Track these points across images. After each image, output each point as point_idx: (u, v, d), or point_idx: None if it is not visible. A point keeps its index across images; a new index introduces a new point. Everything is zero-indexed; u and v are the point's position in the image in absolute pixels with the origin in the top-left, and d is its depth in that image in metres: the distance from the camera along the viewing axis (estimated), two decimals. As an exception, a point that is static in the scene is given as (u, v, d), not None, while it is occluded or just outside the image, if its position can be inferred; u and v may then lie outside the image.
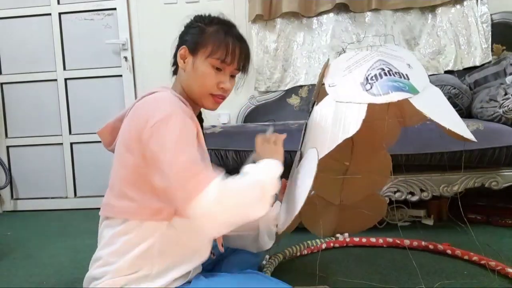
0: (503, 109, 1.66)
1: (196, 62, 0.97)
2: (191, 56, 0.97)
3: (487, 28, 2.32)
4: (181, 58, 0.99)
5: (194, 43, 0.97)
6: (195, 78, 0.97)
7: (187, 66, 0.98)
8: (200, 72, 0.96)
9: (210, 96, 0.98)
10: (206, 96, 0.98)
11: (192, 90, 0.98)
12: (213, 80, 0.96)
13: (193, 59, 0.97)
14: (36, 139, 2.79)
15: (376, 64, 1.02)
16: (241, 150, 1.74)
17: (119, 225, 0.88)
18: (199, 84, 0.97)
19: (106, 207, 0.93)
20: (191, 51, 0.97)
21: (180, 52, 0.98)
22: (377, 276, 1.33)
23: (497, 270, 1.27)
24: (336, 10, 2.46)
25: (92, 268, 0.92)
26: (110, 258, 0.88)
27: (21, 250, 1.87)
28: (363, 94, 0.98)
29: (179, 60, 0.99)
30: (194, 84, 0.97)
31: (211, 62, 0.96)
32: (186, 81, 0.99)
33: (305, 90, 2.48)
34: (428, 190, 1.71)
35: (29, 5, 2.72)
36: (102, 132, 1.01)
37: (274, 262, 1.38)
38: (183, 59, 0.99)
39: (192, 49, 0.97)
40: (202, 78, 0.96)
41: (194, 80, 0.97)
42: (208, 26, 0.99)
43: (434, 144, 1.62)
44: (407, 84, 0.99)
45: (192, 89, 0.98)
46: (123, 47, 2.66)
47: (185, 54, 0.98)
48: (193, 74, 0.97)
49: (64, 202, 2.79)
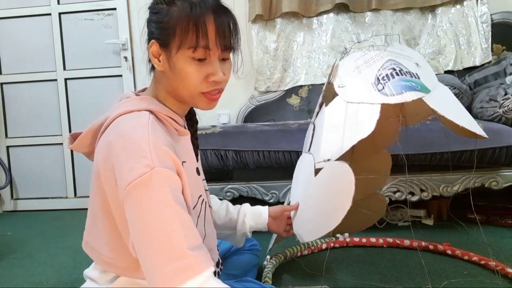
0: (503, 109, 1.66)
1: (171, 59, 0.77)
2: (163, 52, 0.78)
3: (487, 28, 2.32)
4: (154, 57, 0.79)
5: (161, 34, 0.77)
6: (176, 79, 0.78)
7: (164, 65, 0.79)
8: (179, 70, 0.77)
9: (202, 95, 0.80)
10: (197, 96, 0.80)
11: (178, 94, 0.81)
12: (198, 76, 0.77)
13: (166, 56, 0.78)
14: (36, 139, 2.79)
15: (386, 64, 1.02)
16: (241, 150, 1.74)
17: None
18: (183, 85, 0.78)
19: (86, 247, 0.85)
20: (162, 46, 0.78)
21: (152, 49, 0.79)
22: (377, 276, 1.33)
23: (497, 270, 1.27)
24: (336, 10, 2.46)
25: (86, 282, 0.90)
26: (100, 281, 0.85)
27: (21, 250, 1.87)
28: (375, 95, 0.97)
29: (153, 60, 0.80)
30: (178, 86, 0.79)
31: (186, 54, 0.76)
32: (168, 84, 0.81)
33: (305, 90, 2.48)
34: (428, 190, 1.71)
35: (29, 5, 2.72)
36: (76, 147, 0.86)
37: (275, 262, 1.38)
38: (157, 57, 0.79)
39: (162, 43, 0.78)
40: (184, 77, 0.77)
41: (176, 81, 0.78)
42: (170, 6, 0.77)
43: (434, 144, 1.62)
44: (419, 84, 0.99)
45: (179, 93, 0.80)
46: (123, 47, 2.66)
47: (158, 51, 0.79)
48: (173, 75, 0.78)
49: (64, 202, 2.79)
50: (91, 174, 0.80)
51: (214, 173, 1.80)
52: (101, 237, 0.79)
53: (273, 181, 1.79)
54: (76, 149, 0.86)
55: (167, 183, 0.69)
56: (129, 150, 0.70)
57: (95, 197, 0.79)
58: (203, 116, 1.08)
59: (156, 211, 0.67)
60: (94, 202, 0.80)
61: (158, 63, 0.79)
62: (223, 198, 1.79)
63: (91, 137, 0.84)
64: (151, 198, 0.68)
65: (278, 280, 1.32)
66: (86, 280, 0.90)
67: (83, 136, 0.85)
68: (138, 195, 0.68)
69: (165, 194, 0.68)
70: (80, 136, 0.85)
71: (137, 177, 0.67)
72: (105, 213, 0.77)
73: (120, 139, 0.72)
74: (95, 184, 0.78)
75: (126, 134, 0.72)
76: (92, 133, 0.84)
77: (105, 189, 0.75)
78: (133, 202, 0.68)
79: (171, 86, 0.81)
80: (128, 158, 0.69)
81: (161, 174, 0.69)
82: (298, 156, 1.32)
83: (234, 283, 1.00)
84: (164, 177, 0.69)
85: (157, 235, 0.67)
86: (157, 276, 0.66)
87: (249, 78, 2.49)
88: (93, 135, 0.83)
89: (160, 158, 0.70)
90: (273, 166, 1.76)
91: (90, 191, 0.82)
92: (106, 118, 0.81)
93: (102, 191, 0.76)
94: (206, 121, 2.30)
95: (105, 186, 0.75)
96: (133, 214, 0.69)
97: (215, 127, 1.93)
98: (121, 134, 0.73)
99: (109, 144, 0.74)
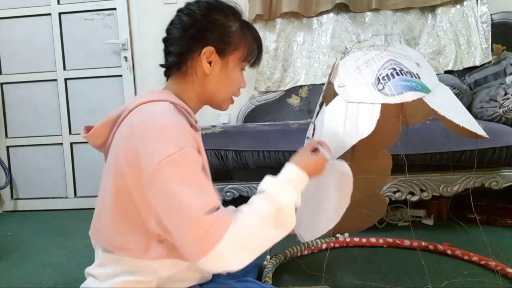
0: (503, 109, 1.66)
1: (227, 67, 0.88)
2: (219, 59, 0.87)
3: (487, 28, 2.32)
4: (207, 62, 0.86)
5: (223, 44, 0.86)
6: (223, 84, 0.89)
7: (213, 69, 0.87)
8: (231, 77, 0.89)
9: (231, 99, 0.93)
10: (228, 99, 0.93)
11: (215, 96, 0.90)
12: (239, 83, 0.92)
13: (222, 63, 0.87)
14: (36, 139, 2.79)
15: (387, 64, 1.02)
16: (241, 150, 1.74)
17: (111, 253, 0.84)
18: (226, 90, 0.90)
19: (94, 234, 0.87)
20: (219, 54, 0.87)
21: (206, 54, 0.85)
22: (377, 276, 1.33)
23: (497, 270, 1.27)
24: (336, 10, 2.46)
25: (87, 280, 0.90)
26: (103, 278, 0.85)
27: (21, 250, 1.87)
28: (376, 94, 0.97)
29: (205, 64, 0.85)
30: (221, 90, 0.90)
31: (241, 66, 0.91)
32: (208, 86, 0.88)
33: (305, 90, 2.48)
34: (428, 190, 1.71)
35: (29, 5, 2.72)
36: (90, 136, 0.88)
37: (275, 262, 1.38)
38: (209, 63, 0.86)
39: (220, 51, 0.86)
40: (232, 83, 0.90)
41: (222, 85, 0.89)
42: (234, 23, 0.88)
43: (434, 144, 1.62)
44: (419, 84, 0.99)
45: (217, 95, 0.90)
46: (123, 47, 2.65)
47: (212, 57, 0.86)
48: (221, 80, 0.88)
49: (64, 202, 2.78)
50: (107, 164, 0.84)
51: (214, 173, 1.78)
52: (113, 222, 0.81)
53: (273, 181, 1.79)
54: (90, 139, 0.89)
55: (195, 162, 0.75)
56: (156, 132, 0.74)
57: (110, 184, 0.81)
58: (203, 116, 1.08)
59: (186, 187, 0.71)
60: (108, 189, 0.81)
61: (208, 67, 0.86)
62: (223, 198, 1.79)
63: (108, 127, 0.86)
64: (182, 175, 0.72)
65: (278, 280, 1.32)
66: (87, 278, 0.90)
67: (99, 126, 0.87)
68: (168, 172, 0.71)
69: (195, 172, 0.74)
70: (96, 126, 0.88)
71: (167, 156, 0.71)
72: (121, 198, 0.79)
73: (144, 123, 0.77)
74: (112, 170, 0.80)
75: (150, 118, 0.77)
76: (108, 124, 0.86)
77: (125, 173, 0.77)
78: (163, 179, 0.71)
79: (211, 87, 0.89)
80: (155, 139, 0.73)
81: (190, 154, 0.74)
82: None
83: (234, 283, 1.00)
84: (192, 156, 0.74)
85: (187, 208, 0.70)
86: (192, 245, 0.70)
87: (249, 78, 2.47)
88: (110, 126, 0.86)
89: (186, 139, 0.75)
90: (273, 166, 1.75)
91: (103, 180, 0.84)
92: (124, 109, 0.84)
93: (121, 176, 0.78)
94: (206, 121, 2.30)
95: (126, 170, 0.77)
96: (163, 191, 0.71)
97: (215, 127, 1.93)
98: (144, 119, 0.78)
99: (132, 128, 0.78)
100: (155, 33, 2.61)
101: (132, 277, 0.82)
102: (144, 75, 2.66)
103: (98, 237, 0.87)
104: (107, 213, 0.82)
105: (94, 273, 0.87)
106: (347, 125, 0.96)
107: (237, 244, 0.71)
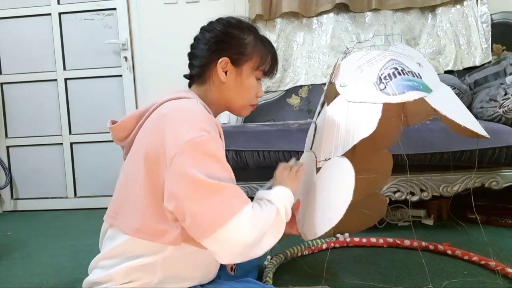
0: (503, 109, 1.66)
1: (242, 75, 0.96)
2: (234, 68, 0.95)
3: (487, 28, 2.32)
4: (222, 71, 0.95)
5: (238, 55, 0.95)
6: (239, 91, 0.97)
7: (229, 78, 0.95)
8: (246, 85, 0.96)
9: (250, 106, 1.01)
10: (247, 106, 1.00)
11: (232, 102, 0.98)
12: (255, 91, 0.99)
13: (236, 72, 0.96)
14: (36, 139, 2.79)
15: (389, 63, 1.02)
16: (241, 150, 1.74)
17: (121, 237, 0.86)
18: (242, 97, 0.98)
19: (109, 214, 0.90)
20: (233, 64, 0.95)
21: (222, 64, 0.94)
22: (378, 276, 1.33)
23: (497, 270, 1.27)
24: (336, 10, 2.46)
25: (92, 273, 0.91)
26: (109, 266, 0.86)
27: (21, 250, 1.87)
28: (377, 94, 0.97)
29: (220, 73, 0.94)
30: (237, 97, 0.97)
31: (255, 74, 0.97)
32: (225, 93, 0.96)
33: (305, 90, 2.48)
34: (428, 190, 1.71)
35: (29, 5, 2.72)
36: (116, 127, 0.95)
37: (275, 262, 1.38)
38: (225, 72, 0.95)
39: (235, 61, 0.95)
40: (247, 90, 0.97)
41: (238, 93, 0.97)
42: (248, 36, 0.97)
43: (434, 144, 1.62)
44: (421, 83, 0.99)
45: (233, 102, 0.98)
46: (123, 47, 2.65)
47: (227, 67, 0.95)
48: (236, 87, 0.96)
49: (64, 202, 2.79)
50: (131, 152, 0.90)
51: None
52: (136, 205, 0.84)
53: (273, 181, 1.79)
54: (115, 131, 0.94)
55: (220, 147, 0.82)
56: (185, 117, 0.82)
57: (139, 169, 0.84)
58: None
59: (215, 163, 0.78)
60: (137, 174, 0.84)
61: (224, 76, 0.95)
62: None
63: (135, 120, 0.92)
64: (207, 156, 0.78)
65: (279, 280, 1.32)
66: (91, 271, 0.91)
67: (126, 119, 0.93)
68: (194, 151, 0.77)
69: (219, 154, 0.80)
70: (123, 119, 0.94)
71: (195, 137, 0.77)
72: (145, 183, 0.83)
73: (174, 110, 0.84)
74: (141, 156, 0.84)
75: (180, 106, 0.86)
76: (136, 117, 0.92)
77: (155, 156, 0.81)
78: (188, 157, 0.77)
79: (228, 94, 0.96)
80: (185, 123, 0.81)
81: (216, 140, 0.81)
82: (298, 156, 1.32)
83: (235, 283, 1.00)
84: (217, 142, 0.82)
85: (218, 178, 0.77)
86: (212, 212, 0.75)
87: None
88: (137, 119, 0.92)
89: (213, 126, 0.83)
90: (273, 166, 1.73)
91: (126, 167, 0.90)
92: (152, 105, 0.90)
93: (148, 162, 0.82)
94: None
95: (151, 154, 0.82)
96: (187, 168, 0.76)
97: (215, 127, 1.93)
98: (175, 107, 0.86)
99: (162, 115, 0.85)
100: (155, 33, 2.61)
101: (136, 260, 0.84)
102: (144, 75, 2.66)
103: (119, 219, 0.88)
104: (135, 196, 0.85)
105: (100, 263, 0.88)
106: (348, 125, 0.96)
107: (252, 223, 0.77)
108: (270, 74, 1.02)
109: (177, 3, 2.61)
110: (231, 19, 0.98)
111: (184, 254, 0.86)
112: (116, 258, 0.86)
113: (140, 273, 0.84)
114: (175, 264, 0.86)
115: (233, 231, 0.76)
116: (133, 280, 0.85)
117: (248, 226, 0.77)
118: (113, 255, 0.87)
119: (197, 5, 2.58)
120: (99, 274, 0.88)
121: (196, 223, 0.77)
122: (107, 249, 0.88)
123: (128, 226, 0.85)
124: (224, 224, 0.75)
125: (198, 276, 0.93)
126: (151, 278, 0.85)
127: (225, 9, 2.51)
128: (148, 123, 0.88)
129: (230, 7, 2.51)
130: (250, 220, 0.77)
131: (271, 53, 1.00)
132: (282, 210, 0.87)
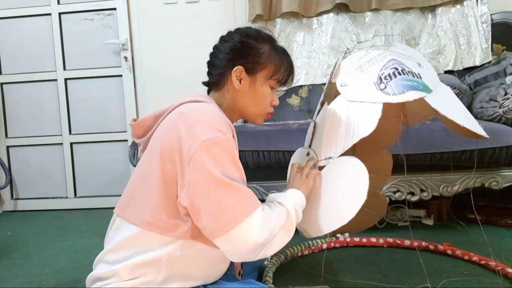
0: (503, 109, 1.66)
1: (255, 84, 0.98)
2: (248, 77, 0.98)
3: (487, 28, 2.32)
4: (237, 79, 0.97)
5: (253, 64, 0.97)
6: (252, 99, 0.99)
7: (243, 86, 0.98)
8: (260, 93, 0.98)
9: (266, 114, 1.02)
10: (262, 114, 1.02)
11: (246, 110, 1.00)
12: (269, 99, 1.00)
13: (250, 80, 0.98)
14: (36, 139, 2.79)
15: (389, 63, 1.03)
16: (241, 150, 1.74)
17: (129, 230, 0.87)
18: (256, 104, 1.00)
19: (120, 206, 0.92)
20: (248, 72, 0.97)
21: (236, 72, 0.97)
22: (378, 276, 1.33)
23: (497, 270, 1.27)
24: (336, 10, 2.46)
25: (96, 268, 0.91)
26: (114, 261, 0.87)
27: (21, 250, 1.87)
28: (378, 94, 0.98)
29: (235, 81, 0.97)
30: (251, 105, 0.99)
31: (270, 83, 0.99)
32: (239, 101, 0.99)
33: (305, 90, 2.48)
34: (428, 190, 1.71)
35: (29, 5, 2.72)
36: (136, 125, 0.99)
37: (275, 262, 1.38)
38: (239, 80, 0.98)
39: (249, 70, 0.97)
40: (261, 98, 0.99)
41: (251, 100, 0.99)
42: (264, 45, 0.99)
43: (434, 144, 1.62)
44: (421, 83, 0.99)
45: (247, 109, 1.00)
46: (123, 47, 2.65)
47: (241, 75, 0.97)
48: (250, 95, 0.98)
49: (64, 202, 2.79)
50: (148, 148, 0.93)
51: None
52: (148, 199, 0.86)
53: (273, 181, 1.79)
54: (135, 128, 0.99)
55: (234, 148, 0.85)
56: (202, 118, 0.85)
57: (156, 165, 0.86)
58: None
59: (226, 166, 0.81)
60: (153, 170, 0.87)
61: (238, 84, 0.98)
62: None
63: (153, 120, 0.96)
64: (223, 156, 0.81)
65: (279, 279, 1.32)
66: (96, 267, 0.92)
67: (146, 117, 0.98)
68: (211, 150, 0.80)
69: (234, 155, 0.84)
70: (143, 117, 0.99)
71: (212, 137, 0.81)
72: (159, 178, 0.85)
73: (192, 111, 0.88)
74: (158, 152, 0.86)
75: (198, 108, 0.90)
76: (154, 116, 0.96)
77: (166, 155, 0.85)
78: (205, 156, 0.80)
79: (243, 102, 0.99)
80: (202, 123, 0.84)
81: (231, 141, 0.84)
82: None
83: (236, 284, 1.00)
84: (232, 143, 0.85)
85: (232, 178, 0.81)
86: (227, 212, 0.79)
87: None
88: (156, 118, 0.96)
89: (228, 128, 0.86)
90: (273, 166, 1.76)
91: (143, 163, 0.92)
92: (171, 105, 0.94)
93: (162, 158, 0.85)
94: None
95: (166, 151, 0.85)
96: (205, 166, 0.79)
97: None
98: (193, 108, 0.89)
99: (179, 114, 0.88)
100: (155, 33, 2.61)
101: (143, 255, 0.85)
102: (144, 75, 2.66)
103: (129, 212, 0.89)
104: (148, 190, 0.87)
105: (105, 257, 0.89)
106: (348, 124, 0.97)
107: (263, 224, 0.81)
108: (285, 83, 1.03)
109: (177, 3, 2.61)
110: (249, 30, 1.01)
111: (190, 252, 0.87)
112: (123, 252, 0.87)
113: (145, 269, 0.85)
114: (180, 262, 0.87)
115: (245, 232, 0.79)
116: (138, 277, 0.85)
117: (259, 228, 0.80)
118: (119, 248, 0.87)
119: (197, 5, 2.58)
120: (103, 269, 0.88)
121: (210, 221, 0.80)
122: (114, 242, 0.89)
123: (139, 219, 0.86)
124: (238, 224, 0.78)
125: (202, 276, 0.93)
126: (156, 275, 0.85)
127: (225, 9, 2.50)
128: (165, 122, 0.91)
129: (230, 7, 2.51)
130: (261, 221, 0.81)
131: (287, 62, 1.02)
132: (293, 212, 0.89)
